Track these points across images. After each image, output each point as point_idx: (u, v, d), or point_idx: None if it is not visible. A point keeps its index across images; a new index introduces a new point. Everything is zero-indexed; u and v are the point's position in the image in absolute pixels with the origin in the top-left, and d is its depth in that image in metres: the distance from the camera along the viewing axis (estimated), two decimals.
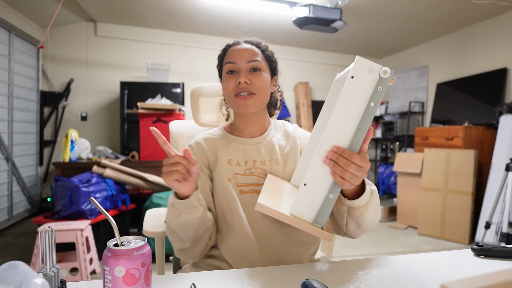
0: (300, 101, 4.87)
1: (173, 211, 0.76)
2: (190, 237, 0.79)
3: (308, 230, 0.68)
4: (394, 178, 4.24)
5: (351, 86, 0.64)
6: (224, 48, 0.96)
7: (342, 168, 0.65)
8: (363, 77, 0.63)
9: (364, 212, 0.76)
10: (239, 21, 3.97)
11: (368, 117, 0.64)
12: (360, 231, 0.81)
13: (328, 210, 0.68)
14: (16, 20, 3.53)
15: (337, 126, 0.65)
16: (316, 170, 0.67)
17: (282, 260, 0.86)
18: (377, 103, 0.64)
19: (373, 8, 3.47)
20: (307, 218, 0.69)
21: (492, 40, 3.62)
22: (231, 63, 0.89)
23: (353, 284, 0.65)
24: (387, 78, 0.63)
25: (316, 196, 0.68)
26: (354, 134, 0.65)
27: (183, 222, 0.76)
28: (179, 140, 1.20)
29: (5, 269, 0.45)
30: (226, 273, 0.70)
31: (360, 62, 0.64)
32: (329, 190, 0.68)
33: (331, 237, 0.68)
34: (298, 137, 0.99)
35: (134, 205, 2.89)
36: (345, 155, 0.65)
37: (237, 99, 0.88)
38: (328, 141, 0.66)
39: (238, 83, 0.87)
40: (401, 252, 2.87)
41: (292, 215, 0.68)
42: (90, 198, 0.54)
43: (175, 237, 0.80)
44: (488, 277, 0.34)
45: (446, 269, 0.72)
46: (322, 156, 0.66)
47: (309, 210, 0.68)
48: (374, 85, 0.63)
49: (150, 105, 3.00)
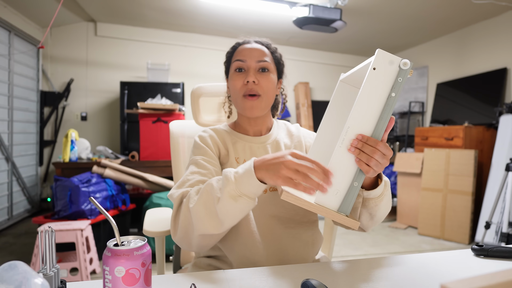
0: (300, 101, 4.87)
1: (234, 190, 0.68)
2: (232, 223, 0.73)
3: (333, 218, 0.68)
4: (394, 178, 4.24)
5: (373, 77, 0.66)
6: (234, 45, 0.95)
7: (367, 155, 0.66)
8: (384, 68, 0.66)
9: (379, 203, 0.77)
10: (239, 21, 3.97)
11: (389, 107, 0.67)
12: (372, 223, 0.82)
13: (353, 198, 0.69)
14: (16, 20, 3.53)
15: (360, 115, 0.67)
16: (341, 158, 0.68)
17: (285, 261, 0.85)
18: (398, 93, 0.66)
19: (373, 8, 3.47)
20: (332, 207, 0.70)
21: (492, 40, 3.62)
22: (241, 61, 0.89)
23: (353, 284, 0.65)
24: (406, 70, 0.66)
25: (341, 184, 0.69)
26: (377, 123, 0.67)
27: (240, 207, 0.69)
28: (179, 140, 1.20)
29: (5, 269, 0.45)
30: (226, 273, 0.70)
31: (381, 54, 0.66)
32: (354, 178, 0.69)
33: (357, 225, 0.69)
34: (302, 135, 0.99)
35: (134, 205, 2.89)
36: (370, 143, 0.66)
37: (245, 100, 0.88)
38: (352, 130, 0.67)
39: (246, 83, 0.88)
40: (401, 252, 2.87)
41: (317, 204, 0.69)
42: (90, 198, 0.54)
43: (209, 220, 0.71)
44: (488, 277, 0.33)
45: (446, 269, 0.72)
46: (347, 144, 0.68)
47: (334, 199, 0.69)
48: (395, 76, 0.66)
49: (150, 105, 3.00)
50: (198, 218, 0.72)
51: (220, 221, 0.71)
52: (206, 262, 0.90)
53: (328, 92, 5.19)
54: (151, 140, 3.01)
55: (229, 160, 0.90)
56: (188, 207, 0.73)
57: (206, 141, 0.91)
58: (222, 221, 0.71)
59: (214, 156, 0.89)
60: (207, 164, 0.86)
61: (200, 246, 0.78)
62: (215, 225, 0.71)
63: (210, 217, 0.71)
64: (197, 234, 0.73)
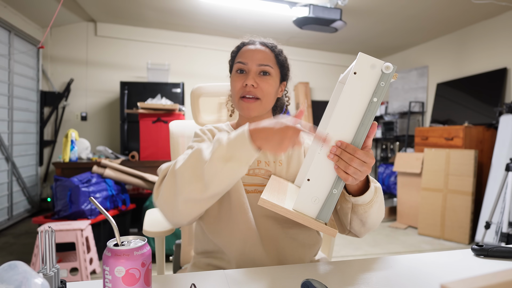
0: (300, 101, 4.87)
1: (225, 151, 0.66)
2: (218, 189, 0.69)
3: (311, 225, 0.67)
4: (394, 178, 4.24)
5: (354, 81, 0.64)
6: (239, 45, 0.95)
7: (345, 162, 0.65)
8: (365, 72, 0.64)
9: (369, 210, 0.75)
10: (239, 21, 3.97)
11: (371, 112, 0.65)
12: (364, 229, 0.81)
13: (332, 205, 0.68)
14: (16, 20, 3.53)
15: (340, 121, 0.66)
16: (320, 165, 0.67)
17: (283, 261, 0.86)
18: (380, 98, 0.64)
19: (373, 8, 3.47)
20: (310, 214, 0.69)
21: (492, 40, 3.62)
22: (242, 63, 0.90)
23: (353, 284, 0.65)
24: (389, 74, 0.63)
25: (320, 191, 0.68)
26: (357, 129, 0.66)
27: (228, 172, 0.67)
28: (179, 140, 1.20)
29: (5, 269, 0.45)
30: (226, 273, 0.70)
31: (362, 58, 0.64)
32: (333, 186, 0.68)
33: (335, 233, 0.68)
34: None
35: (134, 205, 2.89)
36: (348, 150, 0.65)
37: (242, 102, 0.89)
38: (332, 137, 0.66)
39: (245, 85, 0.88)
40: (401, 252, 2.87)
41: (295, 211, 0.68)
42: (90, 198, 0.54)
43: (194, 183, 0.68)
44: (488, 277, 0.33)
45: (446, 269, 0.72)
46: (326, 151, 0.67)
47: (312, 206, 0.68)
48: (377, 81, 0.64)
49: (150, 105, 3.00)
50: (183, 179, 0.69)
51: (205, 184, 0.68)
52: (206, 262, 0.90)
53: (328, 92, 5.19)
54: (151, 140, 3.01)
55: None
56: (174, 169, 0.71)
57: (205, 133, 0.93)
58: (208, 185, 0.68)
59: None
60: None
61: (183, 214, 0.73)
62: (200, 188, 0.68)
63: (196, 179, 0.68)
64: (181, 199, 0.70)
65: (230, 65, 0.98)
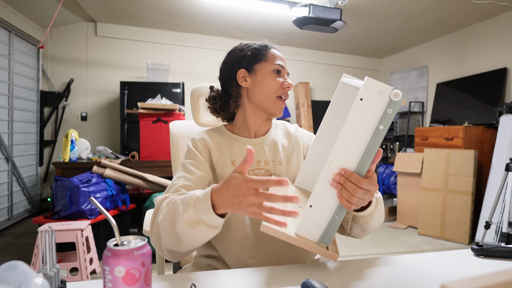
0: (300, 101, 4.87)
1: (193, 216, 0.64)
2: (192, 247, 0.71)
3: (313, 250, 0.68)
4: (394, 178, 4.24)
5: (360, 108, 0.61)
6: (263, 45, 0.94)
7: (349, 192, 0.64)
8: (372, 99, 0.60)
9: (369, 220, 0.77)
10: (239, 21, 3.97)
11: (377, 140, 0.62)
12: (364, 233, 0.83)
13: (334, 230, 0.69)
14: (16, 20, 3.53)
15: (344, 149, 0.63)
16: (322, 191, 0.66)
17: (281, 265, 0.86)
18: (387, 126, 0.61)
19: (373, 8, 3.47)
20: (312, 238, 0.69)
21: (492, 40, 3.62)
22: (281, 66, 0.92)
23: (353, 284, 0.65)
24: (397, 101, 0.60)
25: (322, 217, 0.68)
26: (362, 157, 0.63)
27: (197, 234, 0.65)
28: (179, 140, 1.20)
29: (5, 269, 0.45)
30: (226, 273, 0.70)
31: (370, 84, 0.60)
32: (335, 212, 0.67)
33: (336, 257, 0.69)
34: (300, 136, 0.99)
35: (134, 205, 2.89)
36: (352, 180, 0.63)
37: (279, 101, 0.91)
38: (335, 164, 0.64)
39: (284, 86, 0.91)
40: (401, 252, 2.87)
41: (297, 235, 0.69)
42: (90, 198, 0.53)
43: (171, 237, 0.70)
44: (488, 277, 0.34)
45: (446, 269, 0.72)
46: (329, 178, 0.65)
47: (314, 231, 0.68)
48: (384, 108, 0.60)
49: (150, 105, 3.00)
50: (163, 232, 0.71)
51: (180, 241, 0.69)
52: (206, 262, 0.90)
53: (328, 92, 5.19)
54: (151, 140, 3.01)
55: (224, 163, 0.89)
56: (157, 219, 0.73)
57: (196, 145, 0.91)
58: (182, 242, 0.69)
59: (203, 160, 0.88)
60: (194, 168, 0.85)
61: (170, 257, 0.77)
62: (178, 243, 0.70)
63: (173, 234, 0.69)
64: (164, 247, 0.73)
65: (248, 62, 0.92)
